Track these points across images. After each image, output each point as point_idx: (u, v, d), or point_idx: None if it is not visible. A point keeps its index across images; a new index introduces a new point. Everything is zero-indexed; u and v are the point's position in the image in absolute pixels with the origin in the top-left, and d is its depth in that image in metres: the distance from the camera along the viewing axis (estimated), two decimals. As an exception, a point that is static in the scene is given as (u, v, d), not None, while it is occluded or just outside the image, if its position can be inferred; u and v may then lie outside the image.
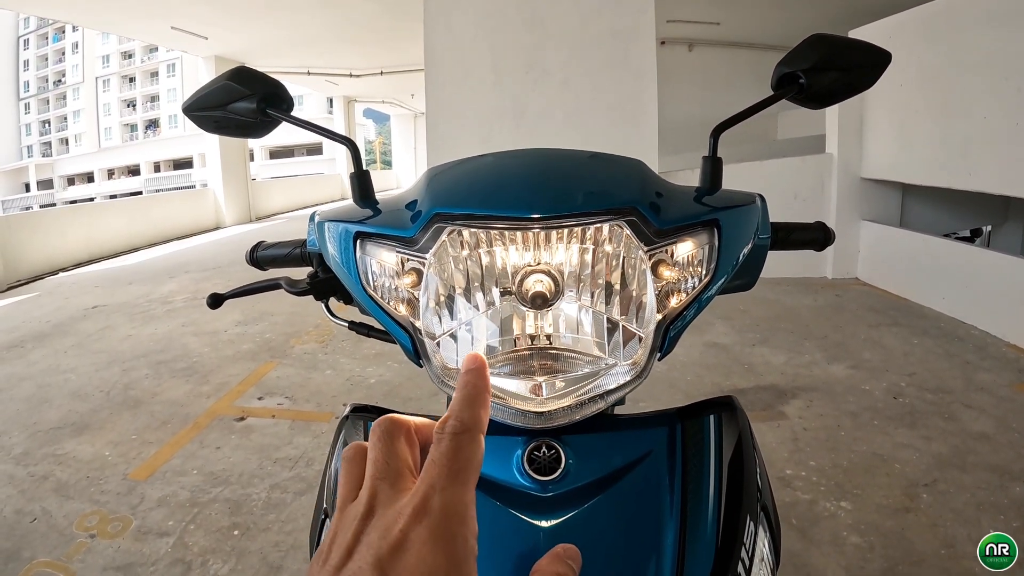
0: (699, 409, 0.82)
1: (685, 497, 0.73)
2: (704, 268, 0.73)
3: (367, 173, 0.85)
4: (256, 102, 0.87)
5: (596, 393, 0.70)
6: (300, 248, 1.01)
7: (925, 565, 2.17)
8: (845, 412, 3.32)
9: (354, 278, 0.75)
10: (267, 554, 2.36)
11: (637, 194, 0.71)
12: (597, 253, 0.70)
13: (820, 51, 0.84)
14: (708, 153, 0.83)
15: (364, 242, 0.74)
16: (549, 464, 0.72)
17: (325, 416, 3.56)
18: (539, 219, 0.66)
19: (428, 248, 0.69)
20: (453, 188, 0.76)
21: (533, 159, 0.83)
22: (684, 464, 0.75)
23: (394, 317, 0.73)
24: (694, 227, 0.72)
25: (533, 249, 0.70)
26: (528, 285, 0.69)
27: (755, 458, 0.80)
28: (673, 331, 0.72)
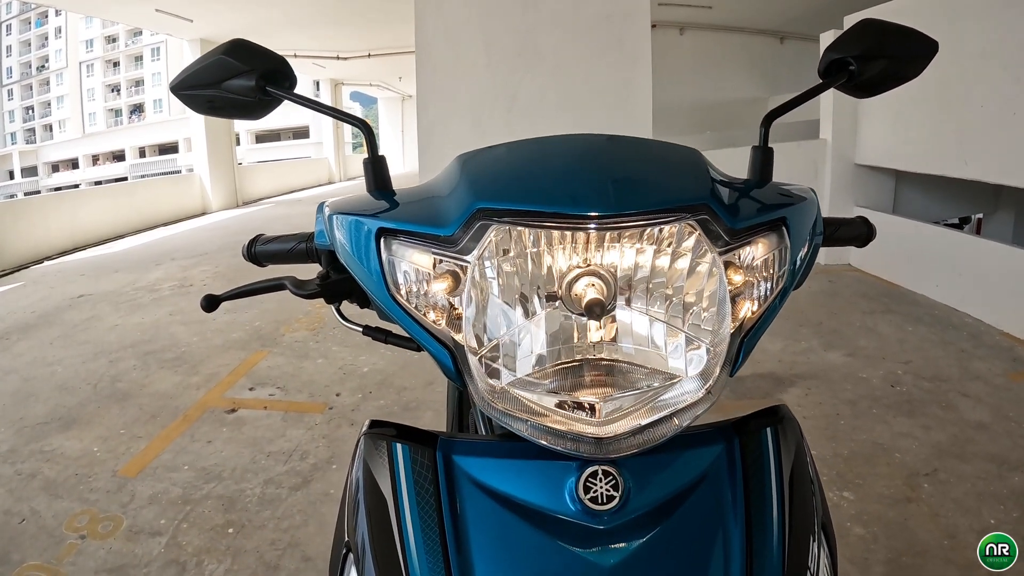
0: (754, 421, 0.75)
1: (749, 521, 0.66)
2: (776, 271, 0.66)
3: (383, 159, 0.77)
4: (255, 79, 0.78)
5: (664, 414, 0.63)
6: (306, 243, 0.92)
7: (928, 556, 2.16)
8: (844, 400, 3.30)
9: (377, 281, 0.66)
10: (263, 553, 2.32)
11: (707, 190, 0.64)
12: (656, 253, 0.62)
13: (871, 37, 0.78)
14: (759, 143, 0.76)
15: (389, 240, 0.66)
16: (607, 494, 0.64)
17: (318, 407, 3.50)
18: (600, 218, 0.58)
19: (470, 249, 0.61)
20: (498, 179, 0.68)
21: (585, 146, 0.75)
22: (745, 484, 0.69)
23: (429, 329, 0.65)
24: (764, 227, 0.66)
25: (583, 249, 0.62)
26: (578, 290, 0.61)
27: (812, 472, 0.74)
28: (747, 343, 0.66)
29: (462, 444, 0.72)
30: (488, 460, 0.69)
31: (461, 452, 0.71)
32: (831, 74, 0.81)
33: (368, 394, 3.61)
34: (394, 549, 0.65)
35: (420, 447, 0.71)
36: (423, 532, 0.65)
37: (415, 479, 0.69)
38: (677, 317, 0.63)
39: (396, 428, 0.75)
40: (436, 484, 0.68)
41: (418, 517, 0.66)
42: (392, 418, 3.24)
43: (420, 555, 0.64)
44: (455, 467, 0.70)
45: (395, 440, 0.72)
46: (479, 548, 0.64)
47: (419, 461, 0.70)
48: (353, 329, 0.91)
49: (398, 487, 0.69)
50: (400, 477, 0.69)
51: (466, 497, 0.67)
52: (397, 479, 0.69)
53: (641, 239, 0.61)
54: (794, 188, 0.76)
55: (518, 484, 0.66)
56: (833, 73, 0.80)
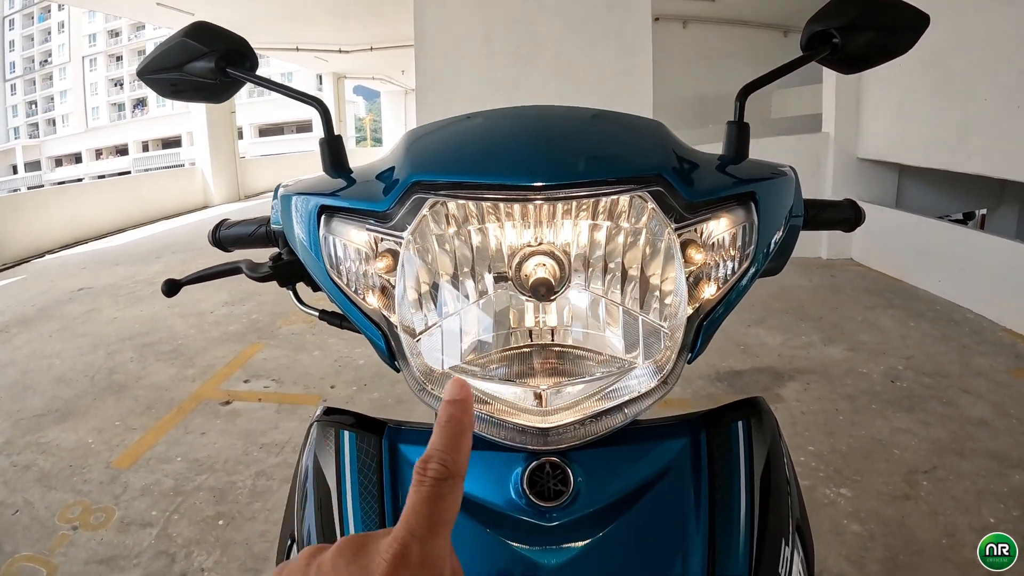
0: (724, 413, 0.71)
1: (713, 520, 0.63)
2: (741, 251, 0.61)
3: (339, 138, 0.74)
4: (215, 60, 0.75)
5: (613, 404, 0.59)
6: (264, 226, 0.90)
7: (926, 555, 2.13)
8: (843, 395, 3.28)
9: (318, 261, 0.63)
10: (252, 544, 2.31)
11: (662, 159, 0.59)
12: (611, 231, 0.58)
13: (855, 8, 0.74)
14: (734, 118, 0.72)
15: (330, 218, 0.62)
16: (554, 487, 0.61)
17: (312, 399, 3.49)
18: (543, 188, 0.54)
19: (405, 224, 0.57)
20: (436, 152, 0.65)
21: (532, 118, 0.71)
22: (711, 480, 0.65)
23: (363, 309, 0.62)
24: (728, 201, 0.61)
25: (534, 226, 0.58)
26: (528, 270, 0.58)
27: (787, 469, 0.70)
28: (706, 327, 0.61)
29: (408, 432, 0.70)
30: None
31: (407, 441, 0.69)
32: (813, 47, 0.77)
33: (363, 386, 3.60)
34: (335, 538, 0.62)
35: (367, 435, 0.69)
36: (363, 525, 0.63)
37: (359, 468, 0.66)
38: (633, 299, 0.59)
39: (347, 415, 0.73)
40: (380, 474, 0.66)
41: (359, 508, 0.64)
42: (386, 410, 3.24)
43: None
44: (400, 456, 0.67)
45: (343, 428, 0.70)
46: None
47: (364, 449, 0.68)
48: (309, 313, 0.88)
49: (342, 476, 0.66)
50: (345, 466, 0.67)
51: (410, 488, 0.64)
52: (342, 468, 0.67)
53: (595, 215, 0.57)
54: (770, 165, 0.73)
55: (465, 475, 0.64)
56: (816, 46, 0.76)
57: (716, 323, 0.63)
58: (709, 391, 3.36)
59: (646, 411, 0.61)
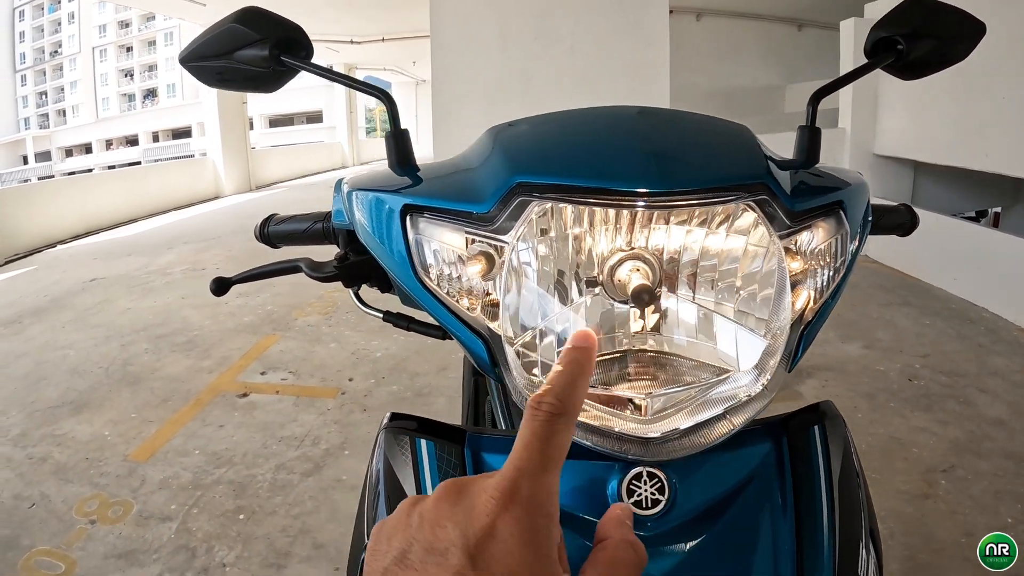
0: (802, 417, 0.70)
1: (799, 525, 0.61)
2: (835, 258, 0.61)
3: (406, 132, 0.71)
4: (269, 48, 0.72)
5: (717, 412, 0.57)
6: (323, 223, 0.87)
7: (945, 554, 2.13)
8: (861, 393, 3.26)
9: (402, 264, 0.60)
10: (274, 540, 2.30)
11: (764, 167, 0.57)
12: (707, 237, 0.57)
13: (920, 15, 0.74)
14: (806, 122, 0.71)
15: (416, 218, 0.59)
16: (651, 498, 0.58)
17: (330, 392, 3.48)
18: (650, 195, 0.52)
19: (508, 228, 0.55)
20: (538, 152, 0.61)
21: (626, 119, 0.67)
22: (795, 485, 0.64)
23: (462, 317, 0.59)
24: (822, 210, 0.60)
25: (626, 231, 0.56)
26: (622, 276, 0.56)
27: (859, 473, 0.68)
28: (806, 336, 0.60)
29: (492, 441, 0.67)
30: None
31: (492, 450, 0.66)
32: (877, 53, 0.75)
33: (381, 379, 3.59)
34: None
35: (446, 443, 0.66)
36: None
37: (441, 478, 0.64)
38: (729, 305, 0.58)
39: (418, 422, 0.70)
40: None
41: None
42: (405, 404, 3.23)
43: None
44: (485, 466, 0.65)
45: (419, 435, 0.67)
46: None
47: (445, 459, 0.65)
48: (372, 315, 0.86)
49: (423, 486, 0.64)
50: (425, 475, 0.64)
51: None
52: (422, 478, 0.64)
53: (690, 220, 0.56)
54: (845, 172, 0.71)
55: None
56: (879, 52, 0.75)
57: (815, 331, 0.62)
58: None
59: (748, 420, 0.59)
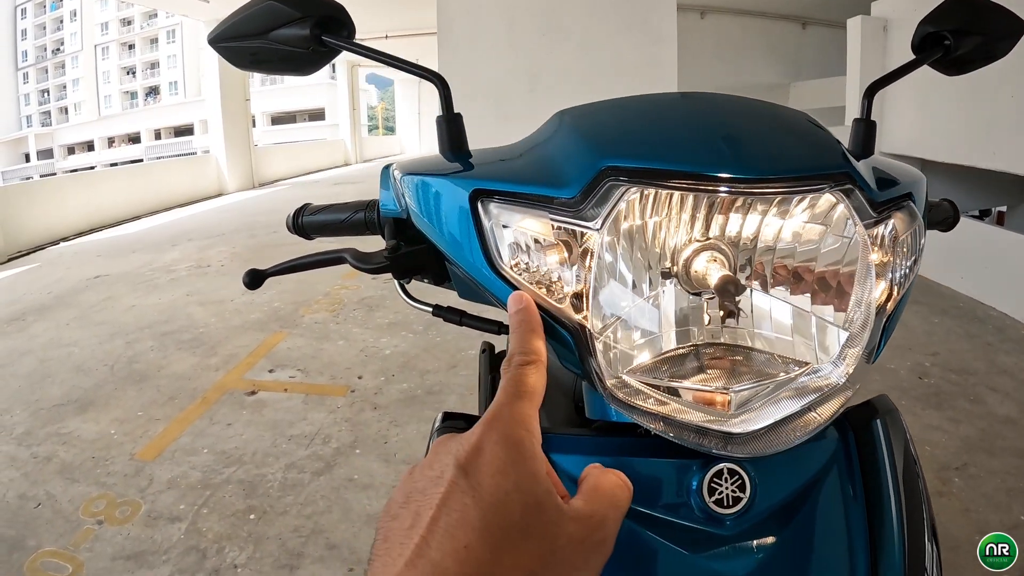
0: (863, 411, 0.68)
1: (871, 519, 0.61)
2: (912, 250, 0.59)
3: (459, 116, 0.67)
4: (310, 27, 0.66)
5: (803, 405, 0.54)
6: (365, 212, 0.82)
7: (960, 551, 2.10)
8: (872, 391, 3.11)
9: (473, 252, 0.56)
10: (286, 540, 2.25)
11: (845, 157, 0.55)
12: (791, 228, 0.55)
13: (965, 12, 0.73)
14: (861, 115, 0.69)
15: (487, 203, 0.55)
16: (733, 495, 0.56)
17: (340, 390, 3.43)
18: (738, 181, 0.49)
19: (595, 215, 0.52)
20: (624, 135, 0.58)
21: (701, 104, 0.66)
22: (864, 479, 0.64)
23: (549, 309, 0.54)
24: (902, 201, 0.58)
25: (704, 220, 0.53)
26: (698, 267, 0.53)
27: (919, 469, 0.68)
28: (887, 328, 0.57)
29: (561, 440, 0.63)
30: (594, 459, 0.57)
31: (559, 449, 0.61)
32: (924, 49, 0.75)
33: (391, 377, 3.54)
34: None
35: None
36: None
37: None
38: (806, 296, 0.57)
39: (468, 420, 0.65)
40: None
41: None
42: (416, 402, 3.19)
43: None
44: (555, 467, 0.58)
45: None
46: None
47: None
48: (421, 309, 0.78)
49: None
50: None
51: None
52: None
53: (769, 209, 0.54)
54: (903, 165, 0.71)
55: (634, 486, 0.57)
56: (927, 48, 0.75)
57: (894, 323, 0.60)
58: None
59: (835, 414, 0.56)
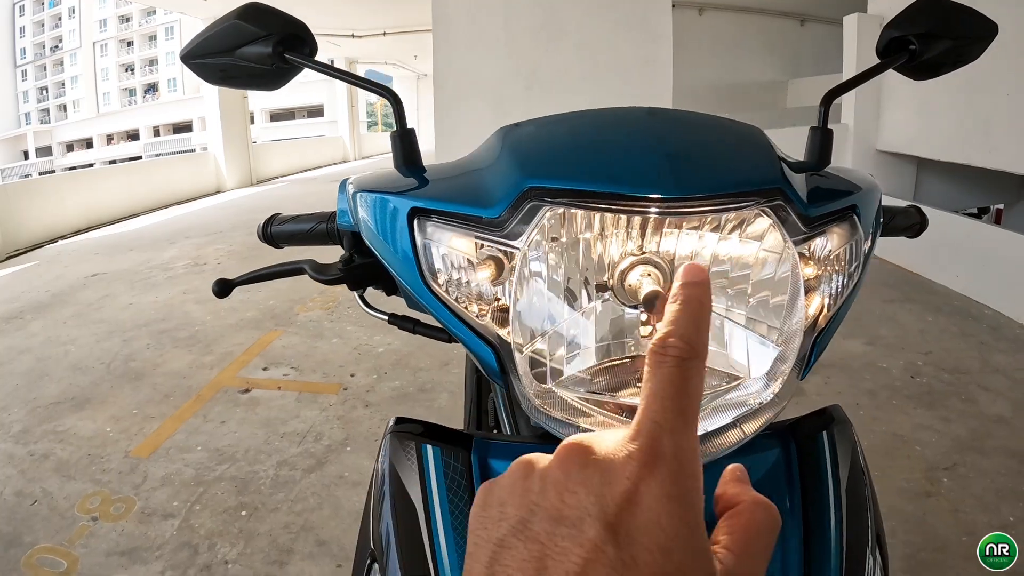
0: (809, 423, 0.71)
1: (807, 530, 0.62)
2: (849, 264, 0.61)
3: (412, 132, 0.70)
4: (272, 45, 0.71)
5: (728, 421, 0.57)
6: (327, 223, 0.86)
7: (947, 552, 2.13)
8: (863, 390, 3.26)
9: (410, 268, 0.60)
10: (277, 536, 2.30)
11: (779, 172, 0.57)
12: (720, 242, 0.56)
13: (933, 16, 0.74)
14: (818, 123, 0.71)
15: (424, 221, 0.59)
16: None
17: (333, 387, 3.48)
18: (664, 201, 0.52)
19: (519, 233, 0.55)
20: (549, 155, 0.61)
21: (639, 120, 0.68)
22: (803, 491, 0.64)
23: (470, 323, 0.59)
24: (836, 215, 0.60)
25: (638, 236, 0.55)
26: (632, 281, 0.55)
27: (867, 478, 0.69)
28: (819, 343, 0.60)
29: (500, 447, 0.67)
30: None
31: (499, 456, 0.66)
32: (890, 53, 0.76)
33: (383, 375, 3.59)
34: (424, 559, 0.60)
35: (453, 449, 0.66)
36: (455, 542, 0.60)
37: (447, 484, 0.64)
38: (740, 311, 0.58)
39: (423, 426, 0.70)
40: (471, 490, 0.63)
41: (451, 525, 0.61)
42: (408, 400, 3.23)
43: (452, 566, 0.59)
44: (492, 472, 0.65)
45: (424, 441, 0.67)
46: None
47: (452, 464, 0.65)
48: (378, 317, 0.85)
49: (428, 492, 0.63)
50: (431, 481, 0.64)
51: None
52: (428, 483, 0.64)
53: (702, 225, 0.55)
54: (856, 173, 0.71)
55: None
56: (892, 52, 0.75)
57: (827, 338, 0.62)
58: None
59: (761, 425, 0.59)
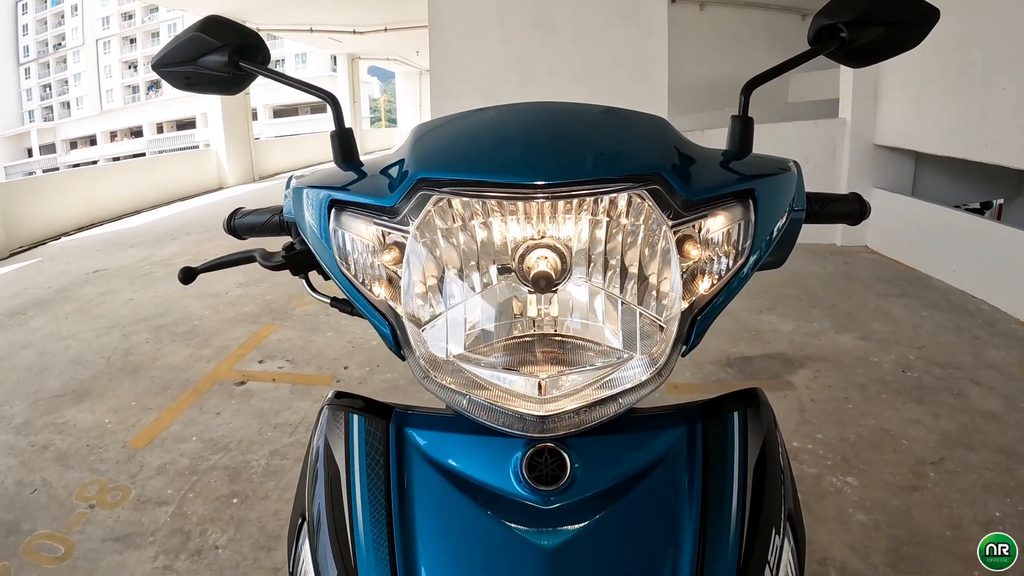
0: (722, 404, 0.73)
1: (705, 508, 0.65)
2: (737, 247, 0.64)
3: (350, 131, 0.77)
4: (228, 55, 0.78)
5: (609, 394, 0.61)
6: (278, 215, 0.93)
7: (930, 546, 2.13)
8: (853, 384, 3.27)
9: (328, 252, 0.66)
10: (266, 523, 2.35)
11: (661, 158, 0.62)
12: (612, 227, 0.60)
13: (864, 2, 0.74)
14: (738, 112, 0.74)
15: (339, 212, 0.65)
16: (552, 471, 0.63)
17: (326, 380, 3.53)
18: (543, 187, 0.57)
19: (411, 220, 0.60)
20: (441, 149, 0.67)
21: (537, 114, 0.73)
22: (705, 469, 0.67)
23: (370, 300, 0.65)
24: (726, 199, 0.63)
25: (536, 221, 0.60)
26: (531, 263, 0.60)
27: (781, 460, 0.72)
28: (701, 321, 0.63)
29: (415, 417, 0.73)
30: (438, 434, 0.70)
31: (413, 425, 0.71)
32: (821, 40, 0.78)
33: (375, 367, 3.63)
34: (343, 521, 0.66)
35: (375, 419, 0.72)
36: (370, 505, 0.66)
37: (367, 451, 0.69)
38: (632, 294, 0.62)
39: (358, 399, 0.75)
40: (386, 456, 0.68)
41: (367, 490, 0.67)
42: (398, 391, 3.27)
43: (366, 528, 0.64)
44: (407, 440, 0.70)
45: (352, 412, 0.73)
46: (423, 522, 0.64)
47: (372, 433, 0.71)
48: (321, 300, 0.92)
49: (351, 458, 0.70)
50: (354, 448, 0.70)
51: (415, 471, 0.68)
52: (351, 450, 0.70)
53: (596, 211, 0.60)
54: (773, 160, 0.74)
55: (465, 459, 0.67)
56: (823, 40, 0.78)
57: (711, 317, 0.65)
58: (720, 376, 3.37)
59: (640, 401, 0.64)
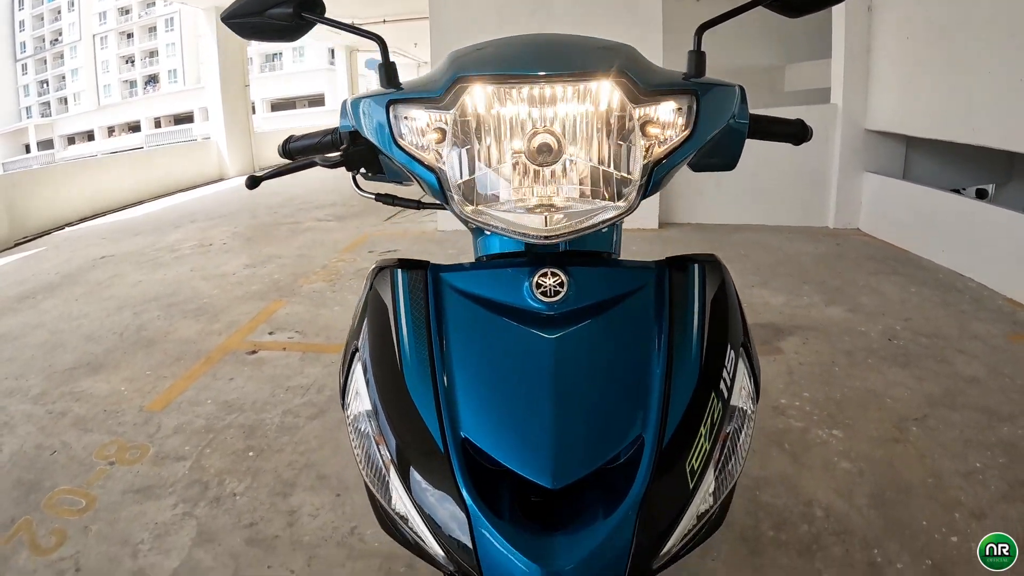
0: (687, 259, 0.94)
1: (672, 325, 0.86)
2: (685, 125, 0.84)
3: (394, 64, 0.95)
4: (293, 7, 0.96)
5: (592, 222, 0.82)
6: (331, 135, 1.12)
7: (912, 492, 2.22)
8: (840, 351, 3.37)
9: (388, 137, 0.86)
10: (281, 472, 2.47)
11: (628, 62, 0.84)
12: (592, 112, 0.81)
13: None
14: (693, 48, 0.92)
15: (396, 107, 0.85)
16: (554, 290, 0.84)
17: (335, 348, 3.66)
18: (544, 77, 0.79)
19: (452, 105, 0.81)
20: (472, 59, 0.87)
21: (541, 36, 0.96)
22: (672, 299, 0.88)
23: (422, 160, 0.85)
24: (675, 92, 0.84)
25: (540, 108, 0.81)
26: (535, 143, 0.81)
27: (735, 301, 0.93)
28: (658, 173, 0.84)
29: (447, 267, 0.94)
30: (464, 273, 0.92)
31: (445, 270, 0.93)
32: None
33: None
34: (391, 343, 0.87)
35: (415, 271, 0.93)
36: (413, 327, 0.87)
37: (410, 291, 0.90)
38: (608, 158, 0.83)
39: (397, 261, 0.96)
40: (425, 293, 0.89)
41: (410, 316, 0.88)
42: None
43: (410, 342, 0.86)
44: (441, 281, 0.92)
45: (396, 268, 0.94)
46: (456, 331, 0.86)
47: (414, 278, 0.92)
48: (367, 196, 1.20)
49: (396, 298, 0.91)
50: (399, 290, 0.91)
51: (448, 300, 0.89)
52: (396, 292, 0.91)
53: (583, 99, 0.81)
54: (719, 80, 0.93)
55: (488, 286, 0.89)
56: None
57: (663, 171, 0.85)
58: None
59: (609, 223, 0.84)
